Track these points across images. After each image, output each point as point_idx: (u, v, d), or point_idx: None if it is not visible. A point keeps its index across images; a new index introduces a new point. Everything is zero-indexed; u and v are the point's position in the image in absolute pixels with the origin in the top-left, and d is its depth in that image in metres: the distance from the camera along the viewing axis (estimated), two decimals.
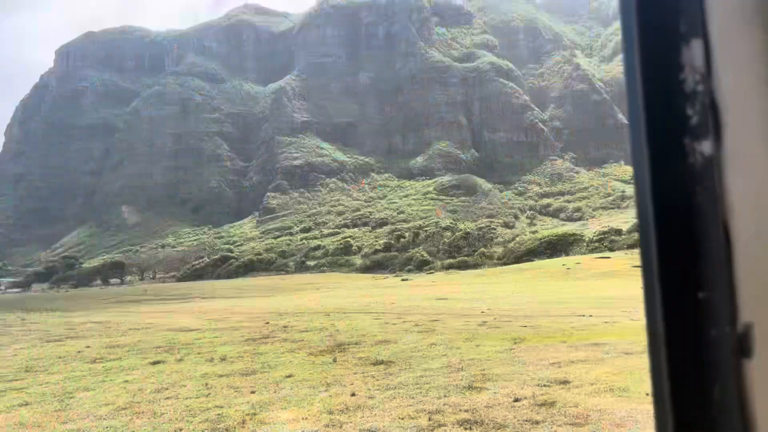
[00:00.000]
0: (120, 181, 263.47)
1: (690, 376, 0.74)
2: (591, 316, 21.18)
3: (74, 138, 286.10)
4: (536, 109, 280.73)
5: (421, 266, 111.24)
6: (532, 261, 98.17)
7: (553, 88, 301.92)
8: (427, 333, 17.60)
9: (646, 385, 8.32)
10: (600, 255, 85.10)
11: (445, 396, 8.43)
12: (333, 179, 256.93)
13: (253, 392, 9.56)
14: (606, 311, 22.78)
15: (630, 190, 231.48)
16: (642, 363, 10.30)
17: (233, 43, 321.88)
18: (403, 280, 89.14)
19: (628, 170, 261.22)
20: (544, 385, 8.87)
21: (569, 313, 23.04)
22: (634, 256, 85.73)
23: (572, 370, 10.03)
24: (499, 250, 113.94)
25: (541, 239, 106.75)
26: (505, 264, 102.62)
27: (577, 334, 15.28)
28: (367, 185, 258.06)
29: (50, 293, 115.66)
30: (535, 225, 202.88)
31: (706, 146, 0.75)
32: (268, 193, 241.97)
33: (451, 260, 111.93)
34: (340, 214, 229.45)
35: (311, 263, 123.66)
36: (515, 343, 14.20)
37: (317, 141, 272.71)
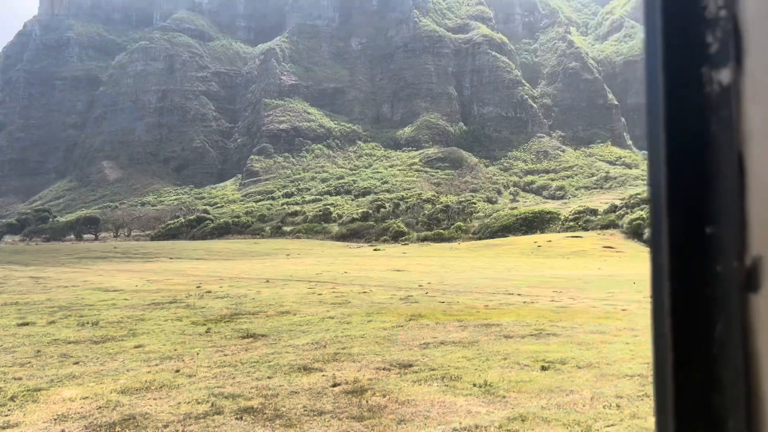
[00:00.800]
0: (102, 136, 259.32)
1: (692, 313, 0.72)
2: (520, 295, 20.64)
3: (57, 89, 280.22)
4: (527, 85, 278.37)
5: (397, 237, 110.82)
6: (506, 237, 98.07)
7: (546, 65, 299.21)
8: (339, 306, 16.94)
9: (481, 375, 7.67)
10: (572, 234, 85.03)
11: (267, 378, 7.73)
12: (319, 145, 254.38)
13: (77, 363, 8.82)
14: (542, 291, 22.24)
15: (614, 171, 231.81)
16: (509, 348, 9.68)
17: (224, 1, 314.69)
18: (375, 249, 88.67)
19: (614, 151, 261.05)
20: (385, 369, 8.20)
21: (503, 291, 22.48)
22: (606, 237, 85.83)
23: (431, 353, 9.37)
24: (476, 224, 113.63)
25: (517, 216, 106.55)
26: (480, 239, 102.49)
27: (481, 314, 14.67)
28: (352, 153, 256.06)
29: (20, 246, 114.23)
30: (517, 201, 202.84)
31: (724, 75, 0.71)
32: (252, 156, 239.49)
33: (428, 232, 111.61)
34: (324, 180, 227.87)
35: (288, 228, 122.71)
36: (410, 320, 13.55)
37: (305, 105, 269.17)
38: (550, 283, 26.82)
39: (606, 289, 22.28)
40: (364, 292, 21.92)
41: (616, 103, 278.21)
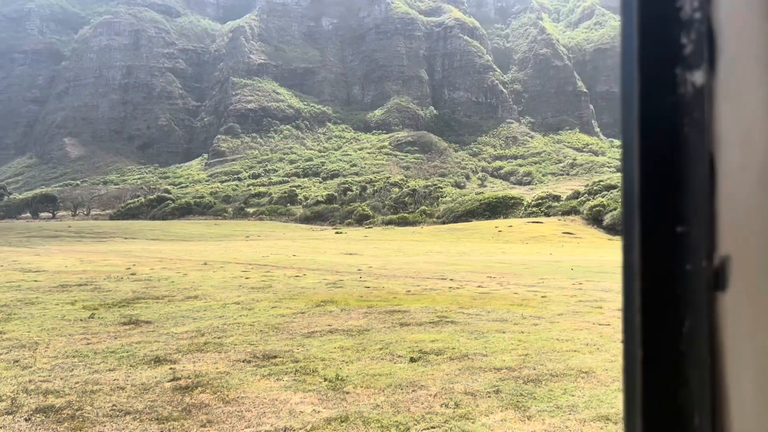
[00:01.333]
0: (64, 112, 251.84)
1: (662, 310, 0.74)
2: (452, 280, 20.26)
3: (17, 62, 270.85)
4: (498, 70, 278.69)
5: (362, 220, 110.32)
6: (470, 221, 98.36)
7: (517, 50, 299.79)
8: (257, 291, 16.30)
9: (342, 368, 7.15)
10: (533, 219, 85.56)
11: (108, 371, 7.09)
12: (287, 126, 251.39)
13: None
14: (477, 276, 21.88)
15: (581, 158, 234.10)
16: (396, 337, 9.19)
17: None
18: (337, 232, 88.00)
19: (582, 138, 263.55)
20: (245, 361, 7.62)
21: (438, 276, 22.07)
22: (566, 223, 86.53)
23: (311, 343, 8.83)
24: (441, 209, 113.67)
25: (481, 201, 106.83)
26: (444, 223, 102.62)
27: (397, 299, 14.19)
28: (322, 135, 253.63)
29: None
30: (485, 187, 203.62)
31: (698, 76, 0.72)
32: (219, 136, 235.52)
33: (392, 216, 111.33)
34: (291, 162, 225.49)
35: (251, 210, 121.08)
36: (317, 306, 13.00)
37: (274, 85, 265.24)
38: (492, 269, 26.56)
39: (541, 275, 22.06)
40: (296, 276, 21.30)
41: (585, 90, 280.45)
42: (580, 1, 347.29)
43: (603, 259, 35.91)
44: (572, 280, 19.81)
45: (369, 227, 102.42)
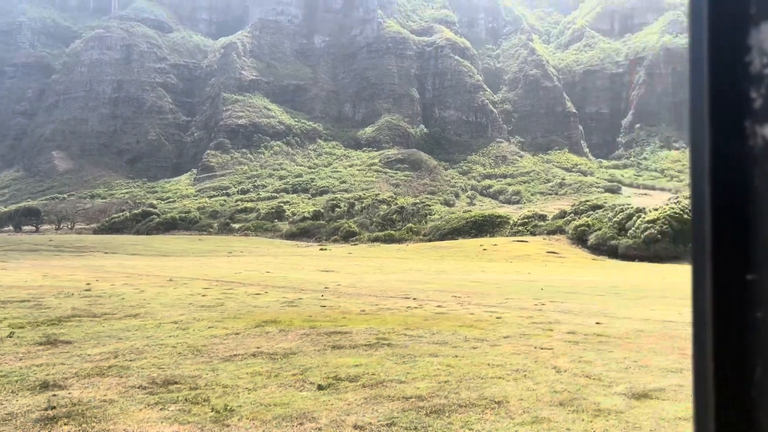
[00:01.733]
0: (53, 125, 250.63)
1: (733, 357, 0.74)
2: (415, 299, 19.77)
3: (6, 75, 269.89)
4: (488, 90, 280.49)
5: (348, 237, 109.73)
6: (456, 239, 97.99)
7: (507, 71, 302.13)
8: (206, 309, 15.74)
9: (239, 397, 6.62)
10: (518, 238, 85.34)
11: None
12: (278, 142, 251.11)
13: None
14: (443, 296, 21.38)
15: (569, 177, 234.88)
16: (320, 362, 8.66)
17: None
18: (321, 249, 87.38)
19: (571, 158, 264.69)
20: (140, 387, 7.08)
21: (403, 295, 21.57)
22: (551, 242, 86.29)
23: (226, 367, 8.30)
24: (428, 226, 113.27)
25: (467, 219, 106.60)
26: (430, 240, 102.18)
27: (346, 319, 13.68)
28: (312, 151, 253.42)
29: None
30: (474, 205, 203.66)
31: (767, 130, 0.75)
32: (208, 151, 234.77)
33: (379, 233, 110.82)
34: (281, 178, 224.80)
35: (236, 226, 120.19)
36: (258, 326, 12.46)
37: (265, 101, 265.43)
38: (463, 288, 26.07)
39: (508, 295, 21.61)
40: (257, 294, 20.74)
41: (574, 111, 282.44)
42: (570, 24, 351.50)
43: (580, 279, 35.54)
44: (537, 301, 19.37)
45: (355, 244, 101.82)
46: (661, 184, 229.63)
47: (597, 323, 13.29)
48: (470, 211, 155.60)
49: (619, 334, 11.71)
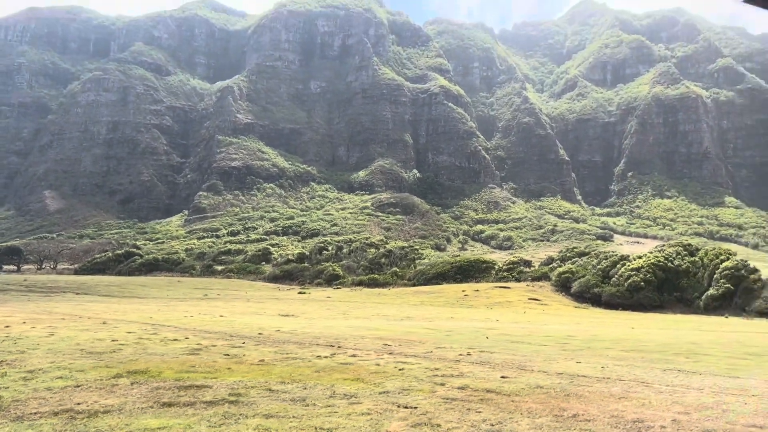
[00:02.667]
0: (46, 165, 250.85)
1: None
2: (340, 347, 18.34)
3: (3, 115, 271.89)
4: (481, 136, 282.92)
5: (331, 281, 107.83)
6: (440, 284, 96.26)
7: (501, 118, 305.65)
8: (93, 355, 14.34)
9: None
10: (500, 284, 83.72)
11: None
12: (271, 184, 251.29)
13: None
14: (377, 344, 19.93)
15: (561, 224, 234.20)
16: (118, 422, 7.32)
17: (185, 37, 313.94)
18: (300, 293, 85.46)
19: (563, 205, 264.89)
20: None
21: (333, 343, 20.11)
22: (535, 289, 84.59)
23: (5, 429, 6.96)
24: (412, 271, 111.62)
25: (452, 264, 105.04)
26: (414, 285, 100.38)
27: (229, 372, 12.30)
28: (305, 194, 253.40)
29: None
30: (465, 250, 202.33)
31: None
32: (201, 192, 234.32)
33: (363, 277, 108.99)
34: (272, 220, 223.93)
35: (219, 267, 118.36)
36: (113, 377, 11.09)
37: (260, 144, 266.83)
38: (410, 335, 24.59)
39: (444, 344, 20.20)
40: (174, 340, 19.32)
41: (567, 158, 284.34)
42: (563, 74, 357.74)
43: (544, 327, 34.04)
44: (468, 350, 17.99)
45: (338, 288, 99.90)
46: (653, 232, 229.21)
47: (502, 377, 11.95)
48: (458, 255, 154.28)
49: (514, 390, 10.38)
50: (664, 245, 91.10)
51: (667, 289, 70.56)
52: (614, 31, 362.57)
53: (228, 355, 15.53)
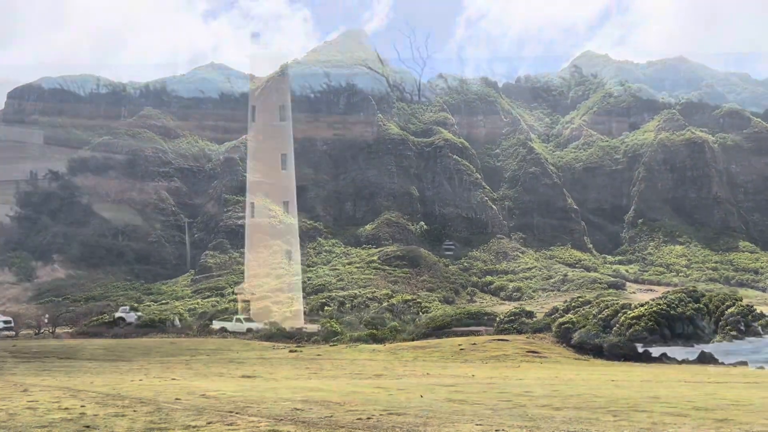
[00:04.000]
0: (54, 228, 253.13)
1: None
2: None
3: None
4: (487, 187, 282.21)
5: (329, 338, 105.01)
6: (440, 338, 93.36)
7: (507, 169, 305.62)
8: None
9: None
10: (498, 337, 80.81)
11: None
12: (277, 241, 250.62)
13: None
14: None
15: (572, 273, 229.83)
16: None
17: (193, 99, 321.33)
18: (291, 351, 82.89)
19: (574, 254, 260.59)
20: None
21: (251, 412, 18.20)
22: (535, 341, 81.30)
23: None
24: (411, 325, 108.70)
25: (452, 316, 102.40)
26: (413, 339, 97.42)
27: None
28: (311, 250, 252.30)
29: None
30: (474, 302, 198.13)
31: None
32: (207, 251, 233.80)
33: (361, 333, 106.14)
34: (278, 277, 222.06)
35: (216, 327, 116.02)
36: None
37: (266, 201, 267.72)
38: (348, 395, 22.56)
39: (375, 405, 18.20)
40: (66, 408, 17.52)
41: (575, 207, 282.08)
42: (568, 123, 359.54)
43: (517, 382, 31.69)
44: (381, 412, 16.00)
45: (334, 345, 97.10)
46: (666, 279, 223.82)
47: None
48: (464, 307, 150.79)
49: None
50: (667, 293, 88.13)
51: (672, 337, 67.57)
52: (617, 80, 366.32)
53: (88, 426, 13.74)
